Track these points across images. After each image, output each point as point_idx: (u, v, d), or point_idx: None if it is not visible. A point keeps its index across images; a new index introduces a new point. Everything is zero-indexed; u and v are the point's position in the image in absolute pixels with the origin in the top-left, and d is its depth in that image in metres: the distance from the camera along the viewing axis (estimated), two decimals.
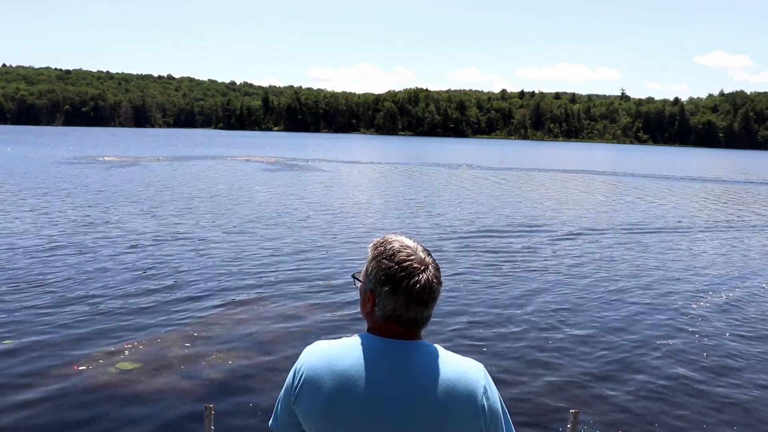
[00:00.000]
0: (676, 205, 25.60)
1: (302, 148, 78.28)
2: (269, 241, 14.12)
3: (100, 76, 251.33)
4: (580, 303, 9.84)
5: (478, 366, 1.70)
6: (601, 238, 16.27)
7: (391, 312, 1.64)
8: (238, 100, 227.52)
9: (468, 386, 1.63)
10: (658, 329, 8.64)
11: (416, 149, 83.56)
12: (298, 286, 10.29)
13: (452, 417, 1.60)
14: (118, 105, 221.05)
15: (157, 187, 25.23)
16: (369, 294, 1.69)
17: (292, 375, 1.71)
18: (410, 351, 1.65)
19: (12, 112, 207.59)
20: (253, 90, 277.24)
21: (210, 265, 11.47)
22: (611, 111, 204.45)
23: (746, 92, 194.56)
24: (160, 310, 8.61)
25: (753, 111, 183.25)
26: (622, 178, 41.97)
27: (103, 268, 10.95)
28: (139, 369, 6.58)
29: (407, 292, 1.62)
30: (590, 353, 7.59)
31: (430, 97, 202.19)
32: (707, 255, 14.54)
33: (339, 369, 1.63)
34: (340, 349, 1.68)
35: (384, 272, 1.64)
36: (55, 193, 21.85)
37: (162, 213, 18.00)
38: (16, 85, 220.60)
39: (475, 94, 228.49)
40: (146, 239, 13.79)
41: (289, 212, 19.22)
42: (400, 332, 1.66)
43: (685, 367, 7.26)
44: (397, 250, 1.67)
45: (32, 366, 6.58)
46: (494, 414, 1.67)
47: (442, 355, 1.67)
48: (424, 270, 1.64)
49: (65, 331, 7.64)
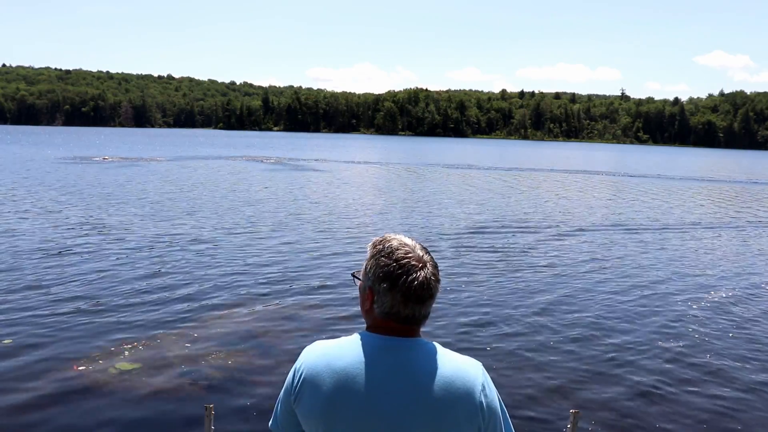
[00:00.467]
0: (677, 204, 25.58)
1: (302, 148, 78.29)
2: (269, 241, 14.12)
3: (100, 76, 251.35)
4: (581, 302, 9.83)
5: (476, 364, 1.71)
6: (602, 238, 16.26)
7: (389, 309, 1.66)
8: (238, 100, 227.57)
9: (466, 384, 1.64)
10: (659, 329, 8.63)
11: (416, 149, 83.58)
12: (297, 285, 10.29)
13: (450, 414, 1.61)
14: (118, 105, 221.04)
15: (156, 188, 25.23)
16: (368, 292, 1.71)
17: (292, 375, 1.73)
18: (409, 348, 1.66)
19: (12, 112, 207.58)
20: (253, 90, 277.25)
21: (210, 265, 11.47)
22: (611, 111, 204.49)
23: (746, 92, 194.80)
24: (160, 310, 8.61)
25: (753, 111, 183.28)
26: (622, 178, 41.96)
27: (103, 268, 10.95)
28: (139, 369, 6.57)
29: (405, 289, 1.63)
30: (590, 353, 7.58)
31: (430, 97, 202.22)
32: (709, 254, 14.53)
33: (338, 367, 1.64)
34: (339, 347, 1.69)
35: (382, 269, 1.66)
36: (55, 193, 21.84)
37: (161, 213, 18.00)
38: (16, 85, 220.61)
39: (475, 94, 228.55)
40: (146, 239, 13.79)
41: (288, 212, 19.21)
42: (399, 329, 1.68)
43: (686, 367, 7.26)
44: (395, 247, 1.69)
45: (32, 366, 6.58)
46: (492, 412, 1.68)
47: (441, 352, 1.68)
48: (422, 268, 1.66)
49: (65, 331, 7.63)
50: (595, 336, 8.24)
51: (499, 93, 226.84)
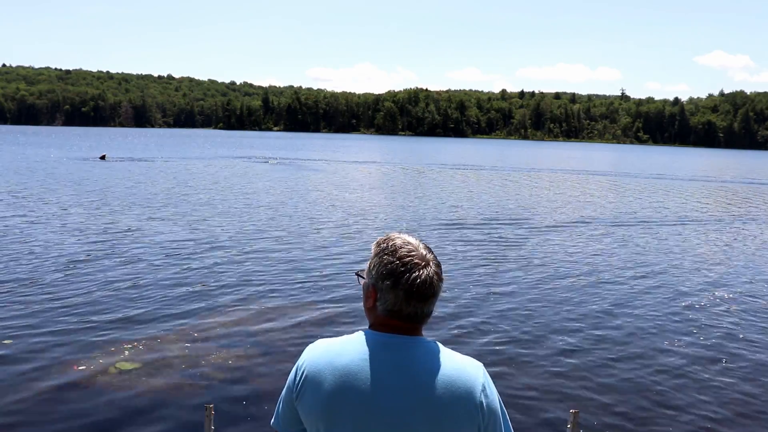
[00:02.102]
0: (676, 204, 25.59)
1: (302, 148, 78.27)
2: (269, 241, 14.11)
3: (100, 76, 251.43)
4: (581, 302, 9.82)
5: (477, 365, 1.71)
6: (602, 238, 16.25)
7: (392, 307, 1.67)
8: (238, 100, 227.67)
9: (466, 383, 1.64)
10: (659, 328, 8.62)
11: (416, 149, 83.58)
12: (298, 285, 10.28)
13: (449, 412, 1.61)
14: (118, 105, 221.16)
15: (155, 188, 25.22)
16: (371, 289, 1.72)
17: (294, 372, 1.74)
18: (410, 346, 1.67)
19: (12, 112, 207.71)
20: (253, 90, 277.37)
21: (210, 265, 11.46)
22: (611, 111, 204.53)
23: (746, 92, 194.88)
24: (160, 310, 8.60)
25: (753, 111, 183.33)
26: (622, 178, 41.95)
27: (103, 267, 10.94)
28: (139, 369, 6.57)
29: (408, 286, 1.65)
30: (590, 352, 7.57)
31: (430, 97, 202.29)
32: (710, 254, 14.52)
33: (339, 365, 1.66)
34: (341, 345, 1.71)
35: (386, 267, 1.68)
36: (55, 193, 21.84)
37: (161, 213, 17.99)
38: (16, 85, 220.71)
39: (475, 94, 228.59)
40: (146, 239, 13.78)
41: (288, 212, 19.20)
42: (401, 327, 1.69)
43: (687, 367, 7.24)
44: (399, 246, 1.70)
45: (32, 366, 6.57)
46: (492, 413, 1.68)
47: (443, 352, 1.69)
48: (425, 266, 1.68)
49: (65, 331, 7.62)
50: (595, 335, 8.23)
51: (499, 93, 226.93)
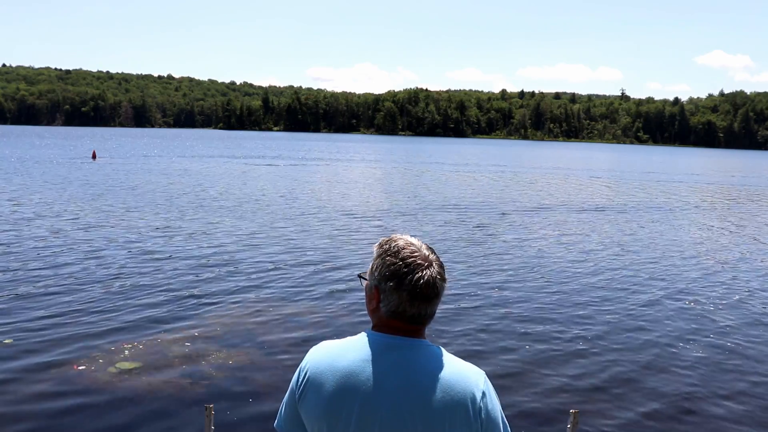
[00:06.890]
0: (678, 203, 25.60)
1: (301, 148, 78.24)
2: (269, 241, 14.12)
3: (100, 76, 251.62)
4: (580, 302, 9.82)
5: (479, 372, 1.71)
6: (602, 237, 16.25)
7: (395, 308, 1.67)
8: (238, 100, 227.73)
9: (466, 389, 1.64)
10: (659, 328, 8.62)
11: (416, 149, 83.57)
12: (298, 285, 10.28)
13: (446, 416, 1.61)
14: (118, 105, 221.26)
15: (155, 188, 25.22)
16: (374, 291, 1.72)
17: (297, 374, 1.75)
18: (412, 348, 1.68)
19: (12, 112, 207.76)
20: (253, 90, 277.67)
21: (210, 265, 11.46)
22: (611, 111, 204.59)
23: (746, 92, 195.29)
24: (160, 310, 8.60)
25: (753, 111, 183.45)
26: (622, 177, 41.96)
27: (103, 267, 10.94)
28: (139, 369, 6.57)
29: (411, 287, 1.65)
30: (590, 352, 7.57)
31: (430, 97, 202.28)
32: (711, 253, 14.52)
33: (341, 366, 1.66)
34: (344, 346, 1.71)
35: (389, 268, 1.68)
36: (55, 193, 21.85)
37: (161, 213, 17.99)
38: (16, 85, 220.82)
39: (475, 94, 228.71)
40: (146, 239, 13.78)
41: (289, 212, 19.21)
42: (404, 329, 1.69)
43: (688, 367, 7.24)
44: (401, 247, 1.70)
45: (32, 365, 6.57)
46: (492, 421, 1.67)
47: (445, 356, 1.69)
48: (428, 267, 1.68)
49: (65, 331, 7.62)
50: (595, 335, 8.23)
51: (499, 93, 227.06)
